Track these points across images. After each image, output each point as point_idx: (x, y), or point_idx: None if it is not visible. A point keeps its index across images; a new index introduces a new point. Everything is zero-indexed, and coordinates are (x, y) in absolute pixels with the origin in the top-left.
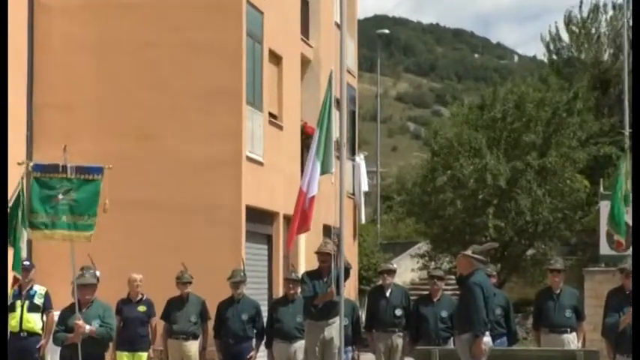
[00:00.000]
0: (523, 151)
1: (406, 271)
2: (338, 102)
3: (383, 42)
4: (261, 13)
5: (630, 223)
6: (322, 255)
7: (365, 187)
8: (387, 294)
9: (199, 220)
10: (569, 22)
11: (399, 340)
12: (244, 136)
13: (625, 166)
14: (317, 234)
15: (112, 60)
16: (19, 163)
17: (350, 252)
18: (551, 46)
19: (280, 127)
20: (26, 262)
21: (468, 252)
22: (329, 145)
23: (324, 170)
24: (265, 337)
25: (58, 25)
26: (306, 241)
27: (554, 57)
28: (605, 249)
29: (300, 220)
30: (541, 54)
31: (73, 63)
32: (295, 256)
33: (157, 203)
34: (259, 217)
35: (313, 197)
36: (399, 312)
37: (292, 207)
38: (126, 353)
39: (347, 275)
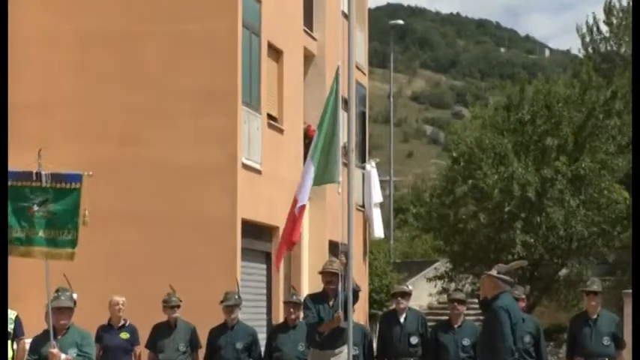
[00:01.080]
0: (554, 157)
1: (423, 293)
2: (346, 102)
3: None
4: (259, 1)
5: None
6: (328, 275)
7: (378, 198)
8: (402, 319)
9: (189, 235)
10: (609, 12)
11: None
12: (240, 141)
13: None
14: (322, 251)
15: (92, 55)
16: None
17: (359, 272)
18: (588, 39)
19: (280, 131)
20: None
21: (493, 272)
22: (333, 151)
23: (323, 179)
24: None
25: (33, 17)
26: (310, 259)
27: (591, 51)
28: None
29: (287, 232)
30: (576, 48)
31: (50, 58)
32: (297, 277)
33: (142, 216)
34: (257, 232)
35: (303, 207)
36: (414, 340)
37: None
38: None
39: (356, 299)
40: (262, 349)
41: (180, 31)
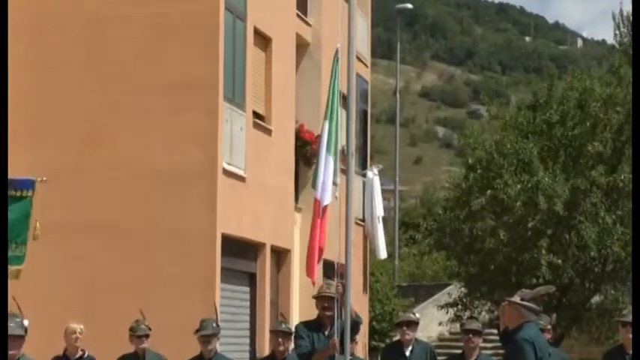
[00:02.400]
0: (587, 165)
1: (432, 322)
2: (344, 98)
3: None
4: None
5: None
6: (323, 300)
7: (380, 212)
8: (407, 353)
9: (160, 252)
10: None
11: None
12: (220, 143)
13: None
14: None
15: (49, 43)
16: None
17: (358, 297)
18: (623, 28)
19: (268, 132)
20: None
21: (515, 298)
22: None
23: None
24: None
25: None
26: (301, 281)
27: (627, 42)
28: None
29: (312, 237)
30: (612, 37)
31: None
32: (286, 302)
33: (105, 229)
34: (239, 250)
35: (325, 208)
36: None
37: (282, 236)
38: None
39: (356, 331)
40: None
41: (152, 14)
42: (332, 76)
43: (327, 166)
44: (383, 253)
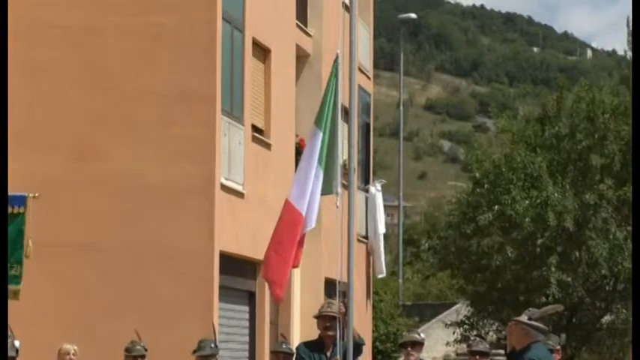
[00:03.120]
0: (597, 179)
1: (438, 342)
2: (346, 112)
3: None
4: None
5: None
6: (325, 320)
7: (382, 228)
8: None
9: (156, 270)
10: None
11: None
12: (218, 157)
13: None
14: (316, 291)
15: (40, 51)
16: None
17: (361, 317)
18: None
19: (268, 146)
20: None
21: (523, 318)
22: (333, 156)
23: (327, 189)
24: None
25: None
26: (302, 301)
27: None
28: None
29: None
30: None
31: None
32: (286, 322)
33: (99, 246)
34: (238, 268)
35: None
36: None
37: None
38: None
39: (358, 353)
40: None
41: (148, 24)
42: (330, 82)
43: (315, 182)
44: (382, 272)
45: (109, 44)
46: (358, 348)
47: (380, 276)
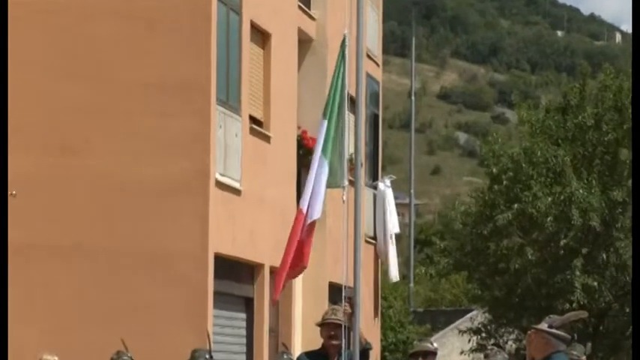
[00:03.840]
0: (626, 175)
1: (453, 352)
2: (353, 101)
3: (420, 12)
4: None
5: None
6: (329, 327)
7: (395, 228)
8: None
9: (145, 274)
10: None
11: None
12: (213, 151)
13: None
14: (320, 297)
15: (23, 38)
16: None
17: (369, 324)
18: None
19: (267, 138)
20: None
21: (544, 326)
22: (339, 146)
23: (333, 182)
24: None
25: None
26: (304, 307)
27: None
28: None
29: (295, 254)
30: None
31: None
32: (287, 330)
33: (82, 249)
34: (234, 272)
35: (313, 223)
36: None
37: (282, 256)
38: None
39: (365, 358)
40: None
41: (137, 8)
42: (337, 67)
43: (319, 173)
44: (395, 275)
45: (96, 30)
46: (365, 353)
47: (394, 280)
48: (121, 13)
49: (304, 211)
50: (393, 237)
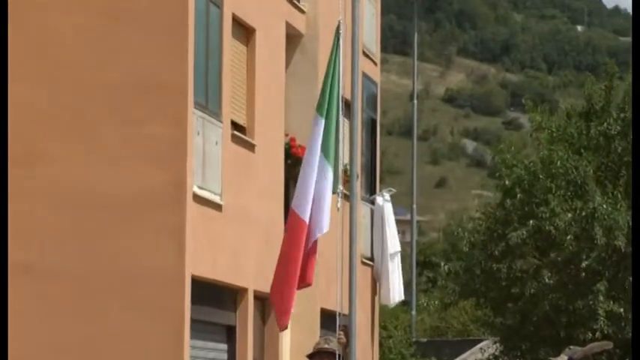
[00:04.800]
0: None
1: None
2: (348, 105)
3: (423, 6)
4: None
5: None
6: (322, 357)
7: (395, 247)
8: None
9: (112, 299)
10: None
11: None
12: (190, 161)
13: None
14: (311, 325)
15: None
16: None
17: (366, 355)
18: None
19: (251, 147)
20: None
21: (564, 358)
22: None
23: (334, 188)
24: None
25: None
26: (293, 335)
27: None
28: None
29: (301, 268)
30: None
31: None
32: None
33: (41, 270)
34: (215, 296)
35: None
36: None
37: (269, 279)
38: None
39: None
40: None
41: None
42: (331, 58)
43: (321, 178)
44: (396, 297)
45: (57, 23)
46: None
47: (396, 301)
48: (88, 6)
49: (306, 222)
50: (397, 257)
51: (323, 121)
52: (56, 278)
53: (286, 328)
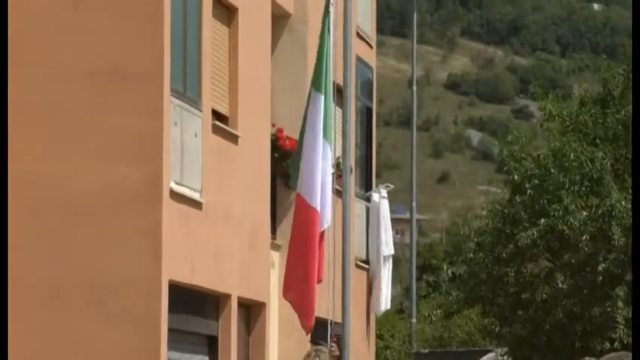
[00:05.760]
0: None
1: None
2: (340, 92)
3: None
4: None
5: None
6: None
7: (389, 249)
8: None
9: (82, 308)
10: None
11: None
12: (167, 154)
13: None
14: (300, 335)
15: None
16: None
17: None
18: None
19: (234, 138)
20: None
21: None
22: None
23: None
24: None
25: None
26: (280, 347)
27: None
28: None
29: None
30: None
31: None
32: None
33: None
34: (194, 304)
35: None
36: None
37: (254, 284)
38: None
39: None
40: None
41: None
42: (323, 31)
43: (326, 166)
44: (384, 306)
45: (19, 7)
46: None
47: (382, 310)
48: None
49: (318, 208)
50: (390, 259)
51: (322, 97)
52: (15, 286)
53: (312, 329)
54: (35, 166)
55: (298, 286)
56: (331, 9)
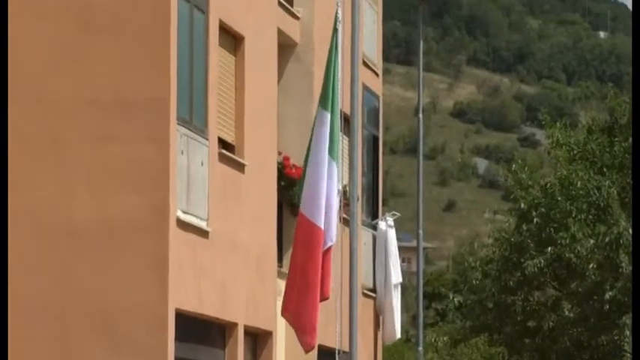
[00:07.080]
0: None
1: None
2: (347, 120)
3: (429, 11)
4: None
5: None
6: None
7: (397, 277)
8: None
9: (88, 337)
10: None
11: None
12: (173, 184)
13: None
14: None
15: None
16: None
17: None
18: None
19: (240, 167)
20: None
21: None
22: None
23: None
24: None
25: None
26: None
27: None
28: None
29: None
30: None
31: None
32: None
33: (14, 303)
34: (201, 333)
35: (329, 250)
36: None
37: (260, 313)
38: None
39: None
40: None
41: (76, 4)
42: (331, 52)
43: (331, 185)
44: (396, 335)
45: (24, 32)
46: None
47: (392, 340)
48: (48, 7)
49: (322, 227)
50: (398, 287)
51: (329, 116)
52: (21, 315)
53: (313, 348)
54: (44, 196)
55: (298, 302)
56: (339, 26)
